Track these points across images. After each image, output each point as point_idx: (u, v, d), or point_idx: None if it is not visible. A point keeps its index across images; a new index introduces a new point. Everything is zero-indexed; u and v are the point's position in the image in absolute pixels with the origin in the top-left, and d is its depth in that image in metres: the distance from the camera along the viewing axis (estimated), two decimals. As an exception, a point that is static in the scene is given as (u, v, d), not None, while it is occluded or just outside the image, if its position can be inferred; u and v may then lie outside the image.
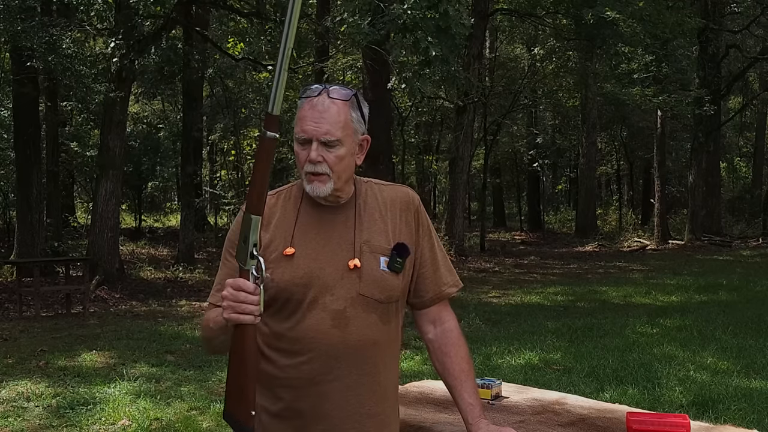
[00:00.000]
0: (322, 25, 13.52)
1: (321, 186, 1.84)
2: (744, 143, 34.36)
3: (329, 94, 1.83)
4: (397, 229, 1.92)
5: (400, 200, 1.96)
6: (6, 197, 18.06)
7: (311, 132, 1.81)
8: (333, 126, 1.81)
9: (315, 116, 1.81)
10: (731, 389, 5.86)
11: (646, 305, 10.68)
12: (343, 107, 1.83)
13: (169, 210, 30.47)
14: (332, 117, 1.81)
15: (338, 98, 1.83)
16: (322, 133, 1.80)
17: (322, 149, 1.81)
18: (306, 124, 1.81)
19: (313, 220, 1.89)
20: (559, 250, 20.66)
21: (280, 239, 1.87)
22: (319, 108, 1.81)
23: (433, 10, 10.34)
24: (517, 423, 2.78)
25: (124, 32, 12.44)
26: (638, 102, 19.79)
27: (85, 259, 12.45)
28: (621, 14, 15.38)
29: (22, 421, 5.27)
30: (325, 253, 1.85)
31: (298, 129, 1.83)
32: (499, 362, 6.99)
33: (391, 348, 1.93)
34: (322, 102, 1.82)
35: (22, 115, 13.97)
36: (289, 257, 1.85)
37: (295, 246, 1.86)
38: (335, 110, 1.82)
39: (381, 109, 16.57)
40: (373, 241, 1.88)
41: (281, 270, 1.84)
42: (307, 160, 1.82)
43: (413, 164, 27.05)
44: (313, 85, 1.88)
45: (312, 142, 1.81)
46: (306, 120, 1.82)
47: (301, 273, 1.83)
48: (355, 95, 1.88)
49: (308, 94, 1.84)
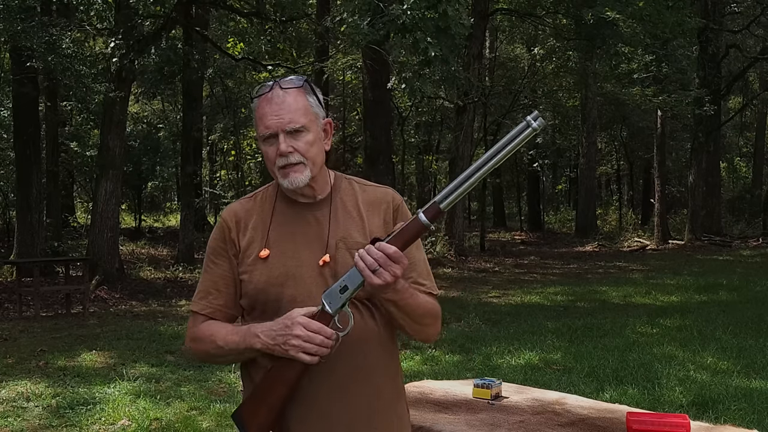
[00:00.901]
0: (322, 25, 13.52)
1: (298, 175, 1.82)
2: (744, 143, 34.36)
3: (281, 86, 1.83)
4: (375, 227, 1.88)
5: (380, 200, 1.93)
6: (6, 197, 18.06)
7: (275, 125, 1.81)
8: (294, 114, 1.81)
9: (274, 110, 1.81)
10: (731, 389, 5.86)
11: (646, 305, 10.68)
12: (298, 94, 1.83)
13: (169, 210, 30.47)
14: (291, 105, 1.81)
15: (291, 87, 1.84)
16: (286, 123, 1.80)
17: (289, 139, 1.81)
18: (268, 120, 1.81)
19: (288, 218, 1.88)
20: (559, 250, 20.66)
21: (257, 241, 1.87)
22: (276, 101, 1.82)
23: (432, 10, 10.33)
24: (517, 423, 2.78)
25: (123, 32, 12.43)
26: (638, 102, 19.79)
27: (85, 259, 12.45)
28: (621, 14, 15.37)
29: (21, 421, 5.26)
30: (301, 251, 1.84)
31: (261, 128, 1.83)
32: (499, 362, 6.99)
33: (382, 346, 1.87)
34: (276, 94, 1.82)
35: (21, 115, 13.97)
36: (264, 258, 1.84)
37: (270, 246, 1.85)
38: (291, 99, 1.82)
39: (381, 109, 16.59)
40: (350, 237, 1.85)
41: (258, 272, 1.84)
42: (277, 155, 1.81)
43: (413, 164, 27.06)
44: (262, 84, 1.88)
45: (278, 135, 1.81)
46: (267, 116, 1.82)
47: (276, 273, 1.82)
48: (306, 81, 1.88)
49: (261, 92, 1.85)
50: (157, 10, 12.79)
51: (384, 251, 1.69)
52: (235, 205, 1.97)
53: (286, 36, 15.99)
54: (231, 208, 1.96)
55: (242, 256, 1.87)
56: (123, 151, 13.59)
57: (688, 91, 19.77)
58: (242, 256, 1.87)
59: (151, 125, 24.05)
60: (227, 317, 1.92)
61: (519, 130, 1.69)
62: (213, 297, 1.91)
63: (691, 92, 19.77)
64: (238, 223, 1.90)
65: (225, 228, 1.91)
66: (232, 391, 5.98)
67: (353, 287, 1.73)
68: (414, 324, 1.86)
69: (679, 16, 16.52)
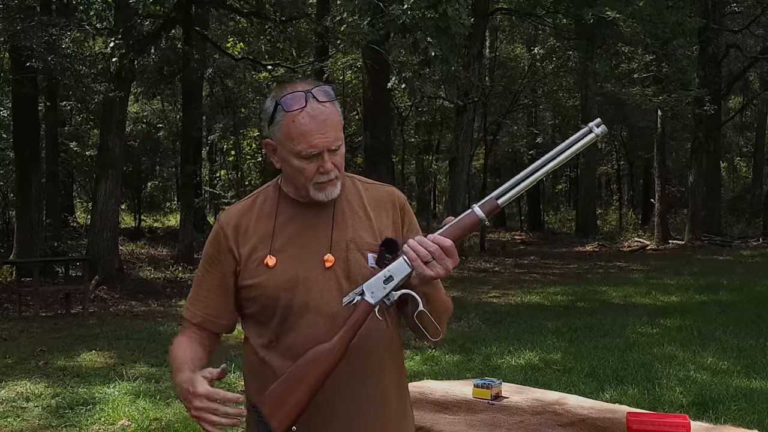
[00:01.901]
0: (322, 24, 13.51)
1: (334, 189, 1.78)
2: (744, 143, 34.33)
3: (317, 98, 1.73)
4: (384, 227, 1.85)
5: (385, 199, 1.90)
6: (5, 197, 18.05)
7: (322, 145, 1.72)
8: (337, 131, 1.75)
9: (320, 127, 1.71)
10: (731, 389, 5.85)
11: (646, 305, 10.67)
12: (333, 108, 1.76)
13: (169, 210, 30.42)
14: (333, 122, 1.74)
15: (327, 100, 1.74)
16: (332, 142, 1.73)
17: (331, 156, 1.75)
18: (314, 139, 1.71)
19: (292, 219, 1.83)
20: (559, 250, 20.65)
21: (261, 246, 1.81)
22: (320, 118, 1.72)
23: (432, 10, 10.33)
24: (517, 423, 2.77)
25: (123, 32, 12.43)
26: (638, 102, 19.77)
27: (85, 259, 12.45)
28: (621, 14, 15.36)
29: (21, 422, 5.26)
30: (308, 253, 1.78)
31: (303, 145, 1.72)
32: (499, 362, 6.98)
33: (391, 348, 1.85)
34: (318, 110, 1.72)
35: (21, 115, 13.97)
36: (272, 264, 1.79)
37: (276, 251, 1.79)
38: (332, 113, 1.74)
39: (381, 109, 16.59)
40: (359, 238, 1.81)
41: (266, 277, 1.78)
42: (317, 172, 1.75)
43: (413, 164, 27.05)
44: (290, 94, 1.73)
45: (323, 154, 1.74)
46: (312, 134, 1.71)
47: (286, 277, 1.77)
48: (332, 89, 1.82)
49: (295, 106, 1.72)
50: (157, 9, 12.79)
51: (440, 244, 1.66)
52: (233, 210, 1.90)
53: (285, 36, 15.99)
54: (229, 213, 1.89)
55: (245, 263, 1.81)
56: (122, 151, 13.59)
57: (688, 91, 19.76)
58: (245, 263, 1.81)
59: (150, 125, 24.03)
60: (218, 327, 1.90)
61: (581, 135, 1.73)
62: (203, 305, 1.88)
63: (691, 92, 19.75)
64: (236, 228, 1.84)
65: (221, 235, 1.85)
66: (232, 391, 5.97)
67: (399, 278, 1.70)
68: (437, 320, 1.82)
69: (679, 16, 16.51)
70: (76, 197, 24.96)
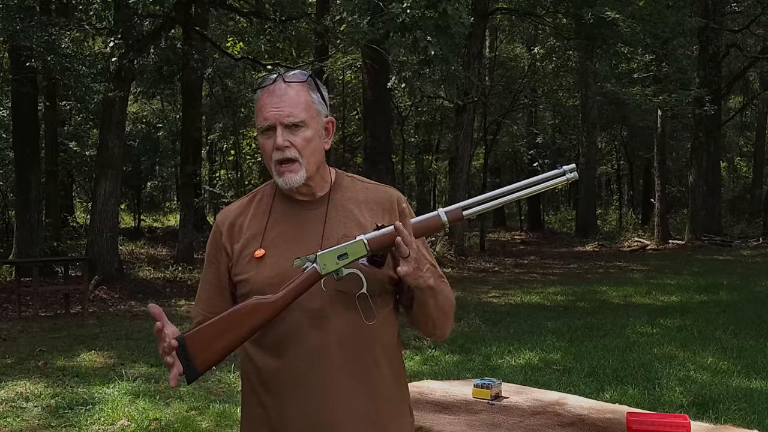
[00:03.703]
0: (322, 24, 13.50)
1: (293, 176, 1.80)
2: (744, 143, 34.32)
3: (284, 78, 1.81)
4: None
5: (384, 200, 1.90)
6: (5, 197, 18.04)
7: (273, 117, 1.78)
8: (294, 107, 1.78)
9: (274, 101, 1.79)
10: (732, 389, 5.85)
11: (646, 305, 10.67)
12: (301, 89, 1.81)
13: (169, 210, 30.43)
14: (292, 99, 1.79)
15: (295, 81, 1.81)
16: (285, 116, 1.78)
17: (287, 133, 1.78)
18: (267, 111, 1.79)
19: (286, 217, 1.85)
20: (559, 250, 20.65)
21: (253, 241, 1.84)
22: (277, 93, 1.79)
23: (432, 9, 10.32)
24: (517, 423, 2.77)
25: (123, 32, 12.42)
26: (638, 102, 19.76)
27: (84, 259, 12.44)
28: (621, 14, 15.37)
29: (20, 422, 5.25)
30: (299, 250, 1.78)
31: (260, 119, 1.81)
32: (499, 362, 6.97)
33: (382, 345, 1.84)
34: (279, 87, 1.80)
35: (20, 115, 13.96)
36: (260, 258, 1.81)
37: (265, 246, 1.82)
38: (294, 93, 1.80)
39: (381, 109, 16.59)
40: (351, 235, 1.80)
41: (255, 272, 1.81)
42: (273, 148, 1.79)
43: (413, 164, 27.05)
44: (265, 76, 1.85)
45: (276, 128, 1.78)
46: (266, 107, 1.79)
47: (273, 273, 1.79)
48: (311, 76, 1.85)
49: (264, 84, 1.82)
50: (157, 9, 12.77)
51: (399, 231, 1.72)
52: (230, 208, 1.95)
53: (285, 35, 15.97)
54: (225, 212, 1.94)
55: (237, 258, 1.85)
56: (122, 151, 13.58)
57: (688, 91, 19.75)
58: (237, 258, 1.85)
59: (150, 125, 24.04)
60: None
61: (553, 175, 1.81)
62: (204, 304, 1.92)
63: (691, 92, 19.75)
64: (231, 226, 1.89)
65: (217, 233, 1.91)
66: (232, 392, 5.97)
67: (352, 257, 1.73)
68: (444, 315, 1.88)
69: (679, 16, 16.53)
70: (75, 197, 24.93)
